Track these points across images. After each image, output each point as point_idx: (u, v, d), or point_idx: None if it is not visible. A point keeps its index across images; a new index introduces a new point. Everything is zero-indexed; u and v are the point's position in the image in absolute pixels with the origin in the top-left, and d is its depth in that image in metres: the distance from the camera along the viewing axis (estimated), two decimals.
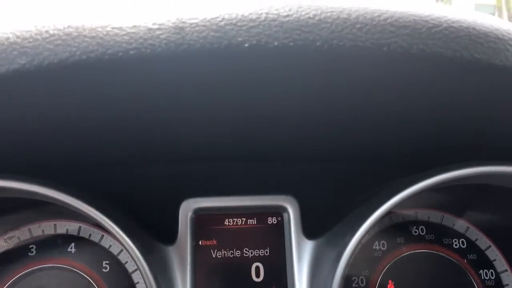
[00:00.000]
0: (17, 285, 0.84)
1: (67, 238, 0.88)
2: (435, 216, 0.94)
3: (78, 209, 0.72)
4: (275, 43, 0.47)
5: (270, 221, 0.92)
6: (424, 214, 0.94)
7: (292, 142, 0.86)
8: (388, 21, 0.49)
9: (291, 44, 0.47)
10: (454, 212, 0.94)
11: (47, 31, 0.47)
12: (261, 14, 0.48)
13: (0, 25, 0.49)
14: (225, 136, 0.82)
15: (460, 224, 0.94)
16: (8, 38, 0.47)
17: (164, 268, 0.83)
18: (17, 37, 0.47)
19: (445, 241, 0.92)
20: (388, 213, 0.89)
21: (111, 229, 0.73)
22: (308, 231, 0.89)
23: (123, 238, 0.74)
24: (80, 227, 0.89)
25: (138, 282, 0.87)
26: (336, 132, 0.80)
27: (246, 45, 0.47)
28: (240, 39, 0.47)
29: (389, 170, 0.90)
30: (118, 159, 0.88)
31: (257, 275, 0.89)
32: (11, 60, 0.47)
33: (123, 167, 0.91)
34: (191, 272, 0.86)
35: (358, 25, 0.48)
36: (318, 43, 0.47)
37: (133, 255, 0.75)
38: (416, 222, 0.93)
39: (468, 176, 0.70)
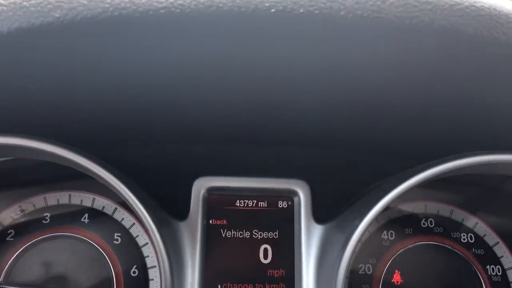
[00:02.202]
0: (30, 251, 0.86)
1: (81, 209, 0.90)
2: (444, 209, 0.94)
3: (96, 174, 0.74)
4: (301, 10, 0.48)
5: (280, 205, 0.93)
6: (434, 207, 0.94)
7: (307, 128, 0.87)
8: None
9: (316, 11, 0.49)
10: (464, 207, 0.95)
11: None
12: None
13: None
14: (241, 118, 0.83)
15: (469, 219, 0.94)
16: None
17: (174, 242, 0.84)
18: None
19: (453, 234, 0.93)
20: (398, 204, 0.91)
21: (127, 197, 0.75)
22: (318, 216, 0.90)
23: (138, 207, 0.75)
24: (94, 198, 0.91)
25: (148, 256, 0.88)
26: (351, 120, 0.81)
27: (273, 10, 0.48)
28: (267, 4, 0.48)
29: (401, 159, 0.90)
30: (136, 136, 0.90)
31: (265, 257, 0.90)
32: (46, 13, 0.48)
33: (140, 144, 0.92)
34: (201, 249, 0.87)
35: None
36: (342, 13, 0.49)
37: (147, 226, 0.76)
38: (426, 215, 0.94)
39: (479, 163, 0.71)
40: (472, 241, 0.93)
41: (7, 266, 0.85)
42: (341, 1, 0.49)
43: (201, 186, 0.91)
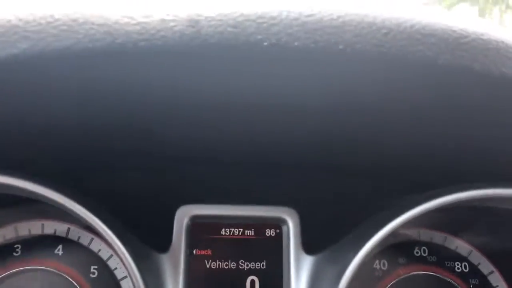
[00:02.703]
0: (1, 286, 0.80)
1: (55, 240, 0.84)
2: (438, 237, 0.91)
3: (68, 208, 0.69)
4: (296, 43, 0.44)
5: (268, 233, 0.89)
6: (427, 234, 0.91)
7: (296, 152, 0.83)
8: (415, 28, 0.46)
9: (312, 45, 0.44)
10: (458, 234, 0.91)
11: (51, 16, 0.44)
12: (282, 12, 0.45)
13: (1, 7, 0.46)
14: (226, 141, 0.79)
15: (463, 247, 0.91)
16: (9, 21, 0.44)
17: (155, 276, 0.79)
18: (19, 20, 0.44)
19: (447, 263, 0.89)
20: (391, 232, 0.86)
21: (101, 231, 0.70)
22: (308, 246, 0.85)
23: (113, 241, 0.70)
24: (69, 228, 0.85)
25: None
26: (344, 145, 0.77)
27: (265, 43, 0.44)
28: (259, 36, 0.44)
29: (396, 186, 0.87)
30: (112, 161, 0.84)
31: None
32: (12, 43, 0.43)
33: (117, 169, 0.87)
34: (184, 283, 0.82)
35: (384, 30, 0.46)
36: (340, 46, 0.45)
37: (124, 260, 0.71)
38: (419, 243, 0.90)
39: (480, 198, 0.67)
40: (467, 270, 0.89)
41: None
42: (339, 33, 0.45)
43: (184, 215, 0.86)
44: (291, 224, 0.87)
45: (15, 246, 0.83)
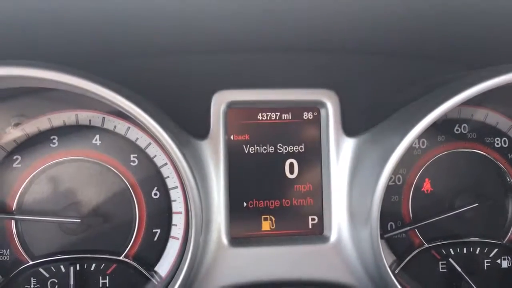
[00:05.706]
0: (41, 178, 0.80)
1: (91, 130, 0.82)
2: (479, 113, 0.89)
3: (104, 98, 0.65)
4: None
5: (305, 116, 0.86)
6: (467, 111, 0.88)
7: (334, 31, 0.77)
8: None
9: None
10: (499, 110, 0.89)
11: None
12: None
13: None
14: (261, 22, 0.73)
15: (504, 123, 0.89)
16: None
17: (197, 161, 0.79)
18: None
19: (487, 139, 0.88)
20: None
21: (141, 118, 0.67)
22: (348, 128, 0.84)
23: (154, 127, 0.68)
24: (104, 118, 0.82)
25: (168, 177, 0.83)
26: (381, 23, 0.71)
27: None
28: None
29: (435, 64, 0.82)
30: (150, 48, 0.79)
31: (291, 172, 0.86)
32: None
33: (154, 57, 0.82)
34: (224, 168, 0.82)
35: None
36: None
37: (166, 146, 0.70)
38: (459, 120, 0.88)
39: None
40: (506, 145, 0.89)
41: (18, 195, 0.79)
42: None
43: (220, 101, 0.83)
44: (330, 106, 0.84)
45: (52, 137, 0.81)
